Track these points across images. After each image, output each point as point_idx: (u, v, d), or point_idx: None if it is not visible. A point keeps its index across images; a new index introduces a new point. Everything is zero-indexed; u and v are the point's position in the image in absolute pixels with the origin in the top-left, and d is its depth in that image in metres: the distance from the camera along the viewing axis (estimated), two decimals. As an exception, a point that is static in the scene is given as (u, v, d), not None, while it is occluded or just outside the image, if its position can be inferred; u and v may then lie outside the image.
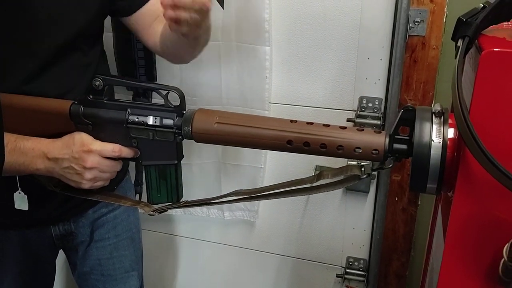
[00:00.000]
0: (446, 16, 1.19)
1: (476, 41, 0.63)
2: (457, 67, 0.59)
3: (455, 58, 0.61)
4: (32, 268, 1.12)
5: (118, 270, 1.18)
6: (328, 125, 0.71)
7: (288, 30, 1.33)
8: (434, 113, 0.65)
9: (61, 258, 1.23)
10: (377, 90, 1.31)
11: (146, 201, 0.89)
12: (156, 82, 1.41)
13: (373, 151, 0.68)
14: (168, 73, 1.44)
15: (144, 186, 0.90)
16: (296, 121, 0.73)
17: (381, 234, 1.44)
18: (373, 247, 1.47)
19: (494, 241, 0.61)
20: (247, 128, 0.73)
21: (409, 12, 1.18)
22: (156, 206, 0.86)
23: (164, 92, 0.80)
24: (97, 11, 0.95)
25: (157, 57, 1.41)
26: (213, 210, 1.59)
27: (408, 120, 0.66)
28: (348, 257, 1.54)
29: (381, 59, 1.27)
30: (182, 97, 0.79)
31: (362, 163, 0.76)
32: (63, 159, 0.82)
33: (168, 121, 0.78)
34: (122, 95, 1.46)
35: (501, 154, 0.55)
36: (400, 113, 0.66)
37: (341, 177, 0.77)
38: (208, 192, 1.54)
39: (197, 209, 1.60)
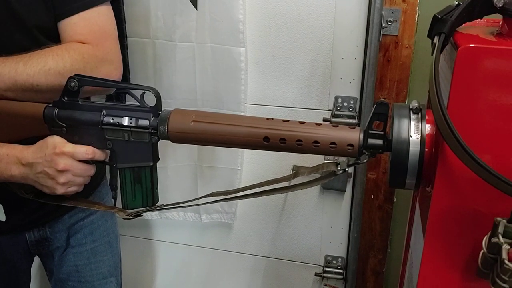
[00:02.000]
0: (418, 16, 1.21)
1: (451, 38, 0.64)
2: (434, 64, 0.59)
3: (432, 55, 0.62)
4: (6, 276, 1.09)
5: (96, 276, 1.16)
6: (304, 122, 0.71)
7: (263, 31, 1.33)
8: (411, 109, 0.66)
9: (36, 265, 1.19)
10: (352, 90, 1.32)
11: (121, 206, 0.87)
12: (132, 83, 1.39)
13: (348, 146, 0.68)
14: (141, 75, 1.42)
15: (118, 191, 0.88)
16: (272, 119, 0.73)
17: (358, 232, 1.45)
18: (351, 245, 1.48)
19: (473, 234, 0.62)
20: (224, 126, 0.73)
21: (382, 12, 1.19)
22: (130, 210, 0.84)
23: (139, 93, 0.79)
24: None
25: (131, 59, 1.39)
26: (190, 214, 1.58)
27: (381, 114, 0.67)
28: (326, 256, 1.55)
29: (355, 58, 1.29)
30: (158, 97, 0.78)
31: (337, 162, 0.77)
32: (37, 163, 0.80)
33: (144, 122, 0.77)
34: (93, 98, 1.43)
35: (479, 148, 0.56)
36: (374, 107, 0.67)
37: (317, 175, 0.77)
38: (184, 195, 1.52)
39: (174, 213, 1.58)
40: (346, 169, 0.72)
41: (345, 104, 1.33)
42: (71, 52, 0.87)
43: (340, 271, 1.54)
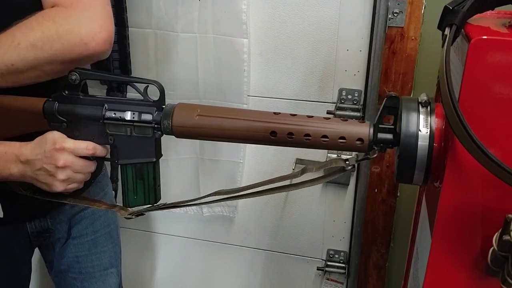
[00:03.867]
0: (425, 7, 1.19)
1: (463, 29, 0.62)
2: (445, 56, 0.58)
3: (442, 47, 0.60)
4: (7, 269, 1.08)
5: (97, 268, 1.15)
6: (312, 116, 0.70)
7: (266, 22, 1.31)
8: (420, 103, 0.64)
9: (35, 257, 1.19)
10: (356, 82, 1.31)
11: (122, 203, 0.85)
12: (134, 76, 1.38)
13: (358, 141, 0.67)
14: (143, 66, 1.41)
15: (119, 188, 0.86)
16: (279, 113, 0.71)
17: (361, 226, 1.44)
18: (354, 239, 1.47)
19: (483, 230, 0.61)
20: (229, 120, 0.71)
21: (388, 3, 1.17)
22: (132, 209, 0.82)
23: (143, 86, 0.77)
24: None
25: (132, 50, 1.37)
26: (191, 207, 1.56)
27: (392, 108, 0.65)
28: (329, 250, 1.54)
29: (360, 50, 1.27)
30: (161, 90, 0.76)
31: (343, 156, 0.75)
32: (36, 160, 0.78)
33: (147, 116, 0.75)
34: (95, 89, 1.42)
35: (491, 143, 0.54)
36: (384, 101, 0.65)
37: (325, 171, 0.76)
38: (186, 188, 1.52)
39: (175, 205, 1.57)
40: (355, 164, 0.70)
41: (350, 96, 1.32)
42: (39, 19, 0.78)
43: (343, 265, 1.53)
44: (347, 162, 0.72)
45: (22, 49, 0.76)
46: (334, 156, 1.31)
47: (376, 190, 1.41)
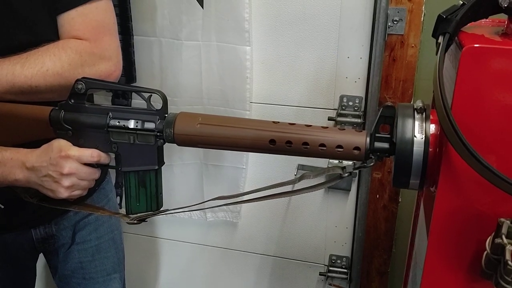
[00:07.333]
0: (424, 15, 1.21)
1: (456, 37, 0.64)
2: (439, 63, 0.59)
3: (436, 54, 0.62)
4: (12, 274, 1.09)
5: (100, 273, 1.17)
6: (310, 125, 0.71)
7: (268, 30, 1.33)
8: (416, 109, 0.66)
9: (40, 262, 1.20)
10: (357, 89, 1.32)
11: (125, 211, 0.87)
12: (138, 85, 1.40)
13: (355, 150, 0.68)
14: (148, 73, 1.43)
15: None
16: (279, 122, 0.73)
17: (363, 231, 1.45)
18: (356, 245, 1.48)
19: (477, 234, 0.62)
20: (229, 129, 0.73)
21: (388, 11, 1.19)
22: (134, 215, 0.84)
23: (146, 95, 0.79)
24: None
25: (137, 57, 1.40)
26: (195, 212, 1.58)
27: (388, 117, 0.67)
28: (331, 255, 1.55)
29: (360, 57, 1.28)
30: (164, 100, 0.78)
31: (343, 164, 0.77)
32: (41, 166, 0.80)
33: (150, 124, 0.77)
34: (100, 96, 1.44)
35: (483, 149, 0.55)
36: (380, 110, 0.67)
37: (323, 177, 0.77)
38: (189, 193, 1.53)
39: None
40: (352, 172, 0.72)
41: (350, 103, 1.33)
42: (68, 51, 0.86)
43: (345, 270, 1.54)
44: (344, 170, 0.74)
45: (49, 76, 0.84)
46: (336, 162, 1.32)
47: (377, 196, 1.42)
